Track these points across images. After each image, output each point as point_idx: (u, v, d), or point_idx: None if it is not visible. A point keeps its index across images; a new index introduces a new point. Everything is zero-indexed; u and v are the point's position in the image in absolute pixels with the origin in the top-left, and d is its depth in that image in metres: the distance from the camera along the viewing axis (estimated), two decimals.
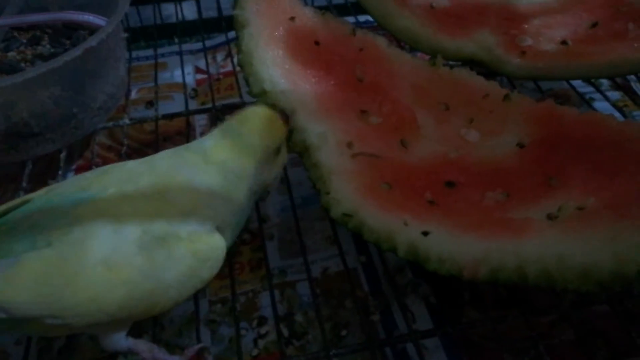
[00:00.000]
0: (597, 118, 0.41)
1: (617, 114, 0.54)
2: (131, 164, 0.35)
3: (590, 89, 0.59)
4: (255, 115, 0.36)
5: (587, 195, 0.36)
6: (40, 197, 0.34)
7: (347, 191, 0.38)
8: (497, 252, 0.33)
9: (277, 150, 0.37)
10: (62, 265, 0.30)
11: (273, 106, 0.38)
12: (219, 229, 0.34)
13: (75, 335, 0.41)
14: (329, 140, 0.41)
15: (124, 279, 0.30)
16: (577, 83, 0.58)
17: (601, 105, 0.58)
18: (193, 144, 0.37)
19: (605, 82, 0.63)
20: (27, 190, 0.51)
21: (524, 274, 0.33)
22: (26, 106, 0.43)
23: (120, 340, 0.34)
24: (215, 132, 0.36)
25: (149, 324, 0.39)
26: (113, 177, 0.34)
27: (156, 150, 0.51)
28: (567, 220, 0.35)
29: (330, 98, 0.45)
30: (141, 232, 0.31)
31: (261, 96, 0.43)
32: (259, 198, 0.39)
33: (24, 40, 0.54)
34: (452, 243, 0.34)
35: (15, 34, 0.55)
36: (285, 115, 0.37)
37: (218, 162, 0.34)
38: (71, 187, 0.34)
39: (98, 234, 0.31)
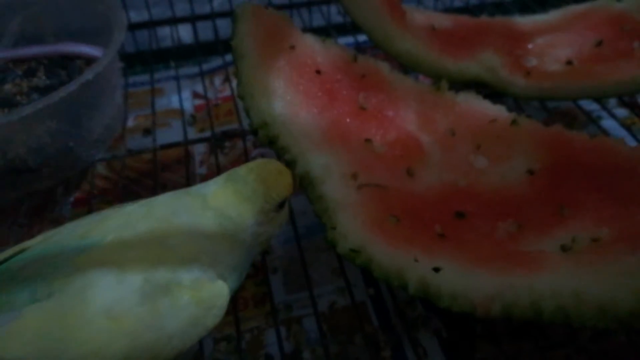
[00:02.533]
0: (608, 143, 0.41)
1: (624, 132, 0.54)
2: (130, 208, 0.35)
3: (597, 106, 0.59)
4: (265, 166, 0.36)
5: (600, 225, 0.36)
6: (38, 245, 0.34)
7: (354, 226, 0.38)
8: (510, 287, 0.33)
9: (281, 206, 0.36)
10: (63, 317, 0.30)
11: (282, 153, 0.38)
12: (221, 277, 0.34)
13: None
14: (333, 172, 0.40)
15: (127, 329, 0.30)
16: (583, 101, 0.58)
17: (609, 123, 0.58)
18: (193, 188, 0.36)
19: (612, 100, 0.63)
20: (24, 225, 0.51)
21: (539, 310, 0.32)
22: (22, 142, 0.43)
23: None
24: (220, 178, 0.36)
25: None
26: (111, 223, 0.34)
27: (155, 180, 0.51)
28: (581, 253, 0.34)
29: (333, 128, 0.44)
30: (143, 280, 0.31)
31: (262, 128, 0.43)
32: (260, 252, 0.39)
33: (20, 73, 0.53)
34: (464, 279, 0.34)
35: (11, 65, 0.55)
36: (293, 174, 0.37)
37: (215, 208, 0.34)
38: (69, 234, 0.33)
39: (99, 284, 0.30)
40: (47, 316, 0.29)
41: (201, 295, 0.32)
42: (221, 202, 0.34)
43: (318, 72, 0.47)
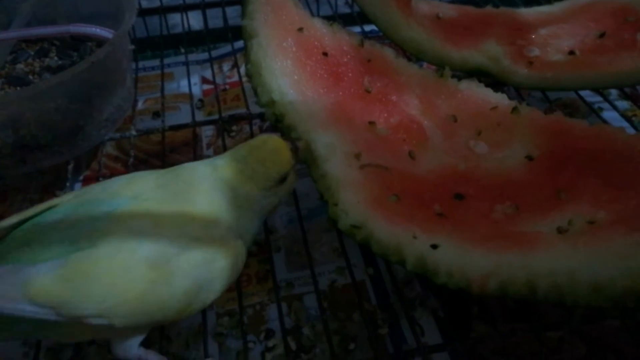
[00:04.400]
0: (607, 131, 0.41)
1: (625, 124, 0.54)
2: (154, 174, 0.37)
3: (599, 98, 0.59)
4: (264, 145, 0.37)
5: (597, 208, 0.36)
6: (70, 201, 0.35)
7: (355, 203, 0.38)
8: (506, 265, 0.33)
9: (283, 179, 0.38)
10: (109, 264, 0.31)
11: (285, 136, 0.39)
12: (241, 237, 0.36)
13: (83, 346, 0.41)
14: (337, 151, 0.41)
15: (166, 278, 0.32)
16: (585, 92, 0.58)
17: (610, 114, 0.58)
18: (208, 160, 0.38)
19: (613, 92, 0.63)
20: (35, 201, 0.52)
21: (534, 288, 0.32)
22: (34, 119, 0.44)
23: (133, 348, 0.35)
24: (226, 154, 0.38)
25: (156, 336, 0.39)
26: (141, 185, 0.35)
27: (163, 160, 0.52)
28: (577, 234, 0.35)
29: (338, 109, 0.45)
30: (178, 233, 0.33)
31: (269, 106, 0.43)
32: (268, 215, 0.40)
33: (32, 53, 0.54)
34: (461, 256, 0.34)
35: (23, 45, 0.55)
36: (296, 146, 0.39)
37: (226, 181, 0.36)
38: (101, 194, 0.35)
39: (139, 234, 0.32)
40: (94, 262, 0.31)
41: (228, 250, 0.34)
42: (229, 176, 0.36)
43: (325, 54, 0.47)
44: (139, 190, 0.35)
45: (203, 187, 0.35)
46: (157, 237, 0.32)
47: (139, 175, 0.37)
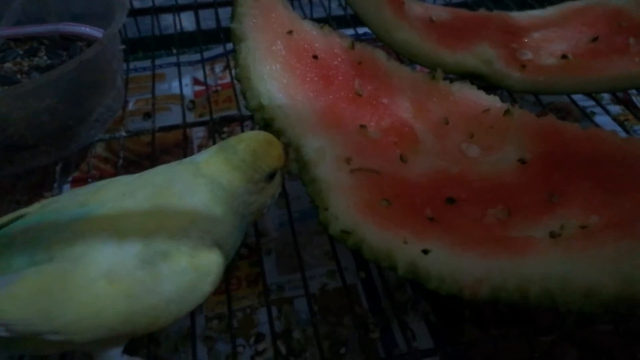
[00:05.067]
0: (600, 134, 0.40)
1: (618, 128, 0.54)
2: (127, 179, 0.35)
3: (591, 102, 0.59)
4: (256, 136, 0.36)
5: (589, 213, 0.36)
6: (36, 212, 0.33)
7: (346, 207, 0.37)
8: (498, 271, 0.33)
9: (271, 177, 0.36)
10: (64, 280, 0.29)
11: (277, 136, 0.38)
12: (216, 244, 0.34)
13: (69, 353, 0.40)
14: (327, 156, 0.40)
15: (126, 292, 0.30)
16: (577, 97, 0.58)
17: (602, 119, 0.58)
18: (186, 158, 0.37)
19: (606, 96, 0.63)
20: (23, 202, 0.51)
21: (526, 294, 0.32)
22: (22, 118, 0.43)
23: (116, 357, 0.34)
24: (212, 148, 0.36)
25: (144, 340, 0.39)
26: (110, 192, 0.34)
27: (153, 162, 0.51)
28: (570, 239, 0.34)
29: (329, 112, 0.44)
30: (142, 245, 0.31)
31: (258, 110, 0.43)
32: (253, 221, 0.39)
33: (21, 52, 0.53)
34: (452, 262, 0.34)
35: (12, 44, 0.54)
36: (286, 149, 0.38)
37: (206, 176, 0.34)
38: (68, 202, 0.33)
39: (99, 248, 0.30)
40: (48, 278, 0.29)
41: (198, 261, 0.32)
42: (212, 170, 0.34)
43: (315, 57, 0.47)
44: (105, 198, 0.33)
45: (175, 191, 0.34)
46: (119, 250, 0.31)
47: (112, 181, 0.35)
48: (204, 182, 0.34)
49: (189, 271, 0.32)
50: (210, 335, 0.42)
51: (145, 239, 0.31)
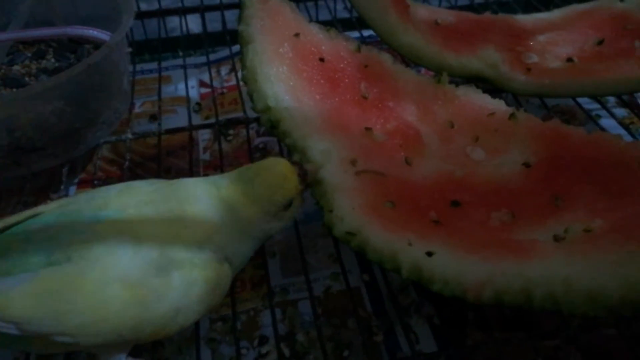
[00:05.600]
0: (604, 138, 0.40)
1: (623, 131, 0.53)
2: (150, 187, 0.36)
3: (596, 105, 0.58)
4: (271, 168, 0.36)
5: (593, 216, 0.36)
6: (53, 211, 0.34)
7: (351, 209, 0.38)
8: (502, 274, 0.33)
9: (288, 205, 0.37)
10: (79, 281, 0.30)
11: (294, 160, 0.39)
12: (227, 260, 0.35)
13: (74, 353, 0.40)
14: (332, 158, 0.41)
15: (139, 299, 0.31)
16: (583, 100, 0.58)
17: (607, 122, 0.58)
18: (211, 178, 0.37)
19: (611, 99, 0.63)
20: (29, 204, 0.51)
21: (530, 297, 0.32)
22: (29, 121, 0.43)
23: (121, 359, 0.34)
24: (232, 174, 0.37)
25: (148, 342, 0.39)
26: (132, 198, 0.34)
27: (159, 164, 0.51)
28: (573, 242, 0.34)
29: (335, 115, 0.44)
30: (158, 254, 0.31)
31: (265, 112, 0.43)
32: (266, 239, 0.39)
33: (29, 54, 0.54)
34: (456, 264, 0.34)
35: (20, 47, 0.55)
36: (304, 170, 0.38)
37: (228, 202, 0.35)
38: (87, 204, 0.34)
39: (117, 252, 0.31)
40: (64, 278, 0.30)
41: (209, 274, 0.33)
42: (232, 199, 0.35)
43: (321, 60, 0.47)
44: (126, 204, 0.33)
45: (197, 207, 0.34)
46: (135, 256, 0.31)
47: (132, 186, 0.36)
48: (225, 206, 0.35)
49: (200, 282, 0.32)
50: (214, 338, 0.42)
51: (162, 247, 0.32)
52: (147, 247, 0.32)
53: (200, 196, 0.35)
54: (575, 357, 0.40)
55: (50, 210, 0.34)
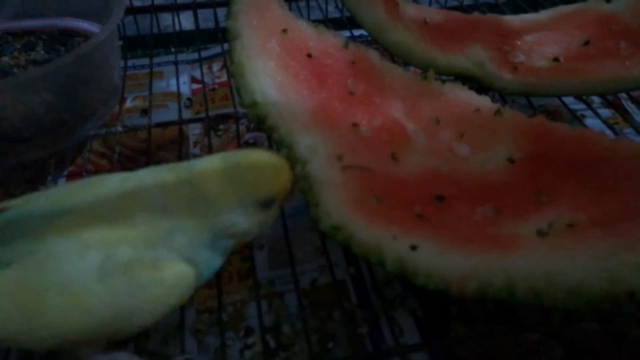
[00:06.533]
0: (588, 135, 0.40)
1: (608, 131, 0.53)
2: (112, 180, 0.33)
3: (582, 105, 0.58)
4: (267, 158, 0.33)
5: (577, 211, 0.36)
6: (17, 207, 0.32)
7: (337, 204, 0.37)
8: (485, 268, 0.32)
9: (266, 205, 0.33)
10: (19, 289, 0.28)
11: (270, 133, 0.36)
12: (190, 257, 0.32)
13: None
14: (319, 153, 0.40)
15: (82, 306, 0.29)
16: (568, 100, 0.57)
17: (592, 122, 0.58)
18: (182, 164, 0.34)
19: (596, 100, 0.63)
20: (17, 195, 0.50)
21: (513, 290, 0.31)
22: (17, 111, 0.42)
23: (98, 354, 0.33)
24: (216, 156, 0.33)
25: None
26: (88, 193, 0.32)
27: (149, 158, 0.51)
28: (557, 237, 0.34)
29: (322, 110, 0.43)
30: (104, 257, 0.29)
31: (252, 107, 0.42)
32: (235, 245, 0.35)
33: (18, 46, 0.53)
34: (440, 258, 0.33)
35: (10, 39, 0.54)
36: (294, 175, 0.35)
37: (194, 185, 0.31)
38: (47, 199, 0.32)
39: (60, 257, 0.29)
40: (3, 285, 0.28)
41: (162, 275, 0.30)
42: (203, 180, 0.31)
43: (309, 55, 0.46)
44: (78, 203, 0.31)
45: (151, 202, 0.31)
46: (78, 261, 0.29)
47: (94, 180, 0.33)
48: (186, 191, 0.31)
49: (152, 285, 0.30)
50: (200, 329, 0.42)
51: (108, 249, 0.30)
52: (92, 250, 0.29)
53: (157, 186, 0.32)
54: (557, 351, 0.39)
55: (15, 206, 0.32)
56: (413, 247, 0.34)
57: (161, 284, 0.30)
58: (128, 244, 0.30)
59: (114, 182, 0.33)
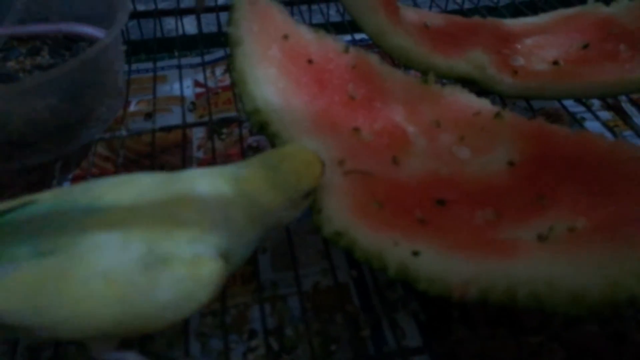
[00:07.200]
0: (589, 137, 0.40)
1: (608, 134, 0.53)
2: (150, 179, 0.34)
3: (582, 108, 0.58)
4: (297, 154, 0.35)
5: (577, 215, 0.35)
6: (47, 200, 0.32)
7: (339, 209, 0.37)
8: (486, 273, 0.32)
9: (307, 195, 0.36)
10: (61, 275, 0.28)
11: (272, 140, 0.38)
12: (224, 257, 0.32)
13: (62, 345, 0.39)
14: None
15: (121, 295, 0.29)
16: (568, 103, 0.57)
17: (592, 125, 0.57)
18: (228, 169, 0.35)
19: (596, 102, 0.62)
20: None
21: (514, 296, 0.31)
22: (22, 116, 0.42)
23: (110, 352, 0.33)
24: (254, 161, 0.35)
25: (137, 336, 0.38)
26: (129, 190, 0.32)
27: (153, 161, 0.50)
28: (557, 242, 0.33)
29: (323, 116, 0.43)
30: (147, 250, 0.30)
31: (254, 114, 0.42)
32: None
33: (23, 51, 0.52)
34: (441, 263, 0.33)
35: (15, 43, 0.54)
36: (323, 162, 0.36)
37: (245, 192, 0.33)
38: (82, 194, 0.32)
39: (103, 247, 0.29)
40: (46, 272, 0.28)
41: (199, 271, 0.31)
42: (253, 187, 0.34)
43: (310, 61, 0.46)
44: (122, 196, 0.32)
45: (196, 200, 0.32)
46: (122, 252, 0.29)
47: (132, 177, 0.34)
48: (241, 198, 0.33)
49: (188, 280, 0.30)
50: (204, 332, 0.41)
51: (151, 243, 0.30)
52: (135, 242, 0.30)
53: (202, 188, 0.33)
54: (558, 354, 0.39)
55: (44, 199, 0.32)
56: (415, 253, 0.34)
57: (196, 280, 0.30)
58: (171, 239, 0.30)
59: (155, 183, 0.33)
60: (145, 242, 0.30)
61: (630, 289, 0.28)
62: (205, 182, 0.33)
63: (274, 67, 0.44)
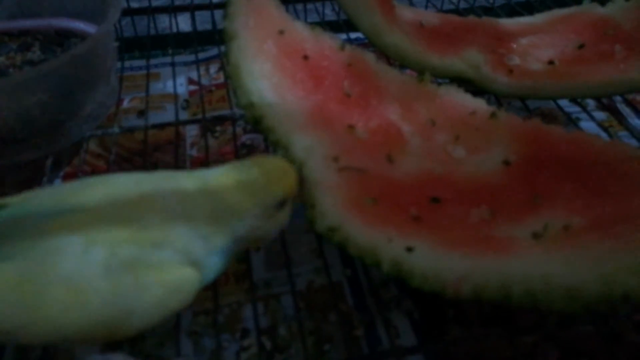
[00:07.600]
0: (584, 137, 0.40)
1: (603, 134, 0.53)
2: (121, 179, 0.33)
3: (577, 108, 0.58)
4: (271, 162, 0.34)
5: (572, 214, 0.35)
6: (17, 203, 0.31)
7: (332, 205, 0.37)
8: (481, 270, 0.32)
9: (280, 206, 0.34)
10: (20, 282, 0.27)
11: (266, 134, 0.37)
12: (199, 261, 0.31)
13: (51, 346, 0.39)
14: (315, 154, 0.39)
15: (83, 302, 0.28)
16: (563, 103, 0.57)
17: (587, 125, 0.57)
18: (197, 171, 0.34)
19: (591, 103, 0.62)
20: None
21: (508, 293, 0.31)
22: (11, 112, 0.42)
23: (94, 353, 0.32)
24: (225, 166, 0.34)
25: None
26: (96, 192, 0.31)
27: (145, 159, 0.50)
28: (552, 240, 0.33)
29: (318, 112, 0.43)
30: (109, 254, 0.28)
31: (248, 108, 0.42)
32: (253, 248, 0.36)
33: (14, 46, 0.52)
34: (435, 260, 0.33)
35: (5, 39, 0.53)
36: (301, 176, 0.36)
37: (213, 192, 0.32)
38: (50, 197, 0.31)
39: (65, 252, 0.28)
40: (3, 278, 0.27)
41: (167, 277, 0.30)
42: (221, 187, 0.32)
43: (305, 57, 0.46)
44: (87, 200, 0.30)
45: (162, 204, 0.31)
46: (83, 257, 0.28)
47: (104, 179, 0.33)
48: (207, 201, 0.32)
49: (156, 287, 0.29)
50: (196, 330, 0.41)
51: (114, 247, 0.29)
52: (98, 246, 0.29)
53: (172, 191, 0.32)
54: (552, 353, 0.39)
55: (14, 203, 0.32)
56: (409, 249, 0.34)
57: (164, 286, 0.29)
58: (135, 244, 0.29)
59: (124, 183, 0.32)
60: (108, 246, 0.29)
61: (625, 285, 0.28)
62: (172, 181, 0.32)
63: (269, 62, 0.44)
